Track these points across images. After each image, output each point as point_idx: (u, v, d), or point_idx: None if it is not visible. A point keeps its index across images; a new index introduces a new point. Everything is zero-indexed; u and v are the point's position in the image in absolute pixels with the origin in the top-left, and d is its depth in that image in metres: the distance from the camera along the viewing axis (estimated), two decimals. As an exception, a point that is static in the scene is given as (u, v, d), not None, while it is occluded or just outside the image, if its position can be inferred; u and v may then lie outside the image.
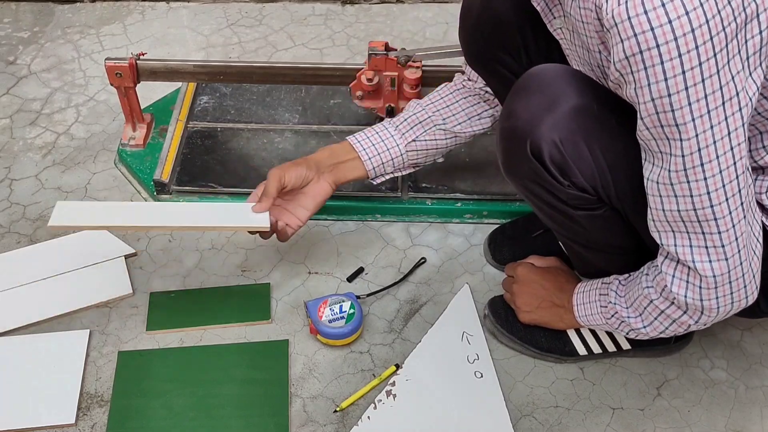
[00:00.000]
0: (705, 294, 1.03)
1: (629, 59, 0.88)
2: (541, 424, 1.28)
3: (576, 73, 1.06)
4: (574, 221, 1.13)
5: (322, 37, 2.10)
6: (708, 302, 1.04)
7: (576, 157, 1.03)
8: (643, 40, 0.86)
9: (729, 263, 1.01)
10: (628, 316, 1.16)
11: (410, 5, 2.21)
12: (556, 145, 1.02)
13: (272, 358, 1.36)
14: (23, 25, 2.13)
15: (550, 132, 1.01)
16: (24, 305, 1.43)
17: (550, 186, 1.07)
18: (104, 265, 1.50)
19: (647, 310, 1.12)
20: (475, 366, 1.34)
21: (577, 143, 1.02)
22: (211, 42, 2.08)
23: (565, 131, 1.01)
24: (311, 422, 1.28)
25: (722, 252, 1.00)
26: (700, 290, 1.03)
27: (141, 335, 1.40)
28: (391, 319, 1.43)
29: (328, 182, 1.38)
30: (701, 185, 0.95)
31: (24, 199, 1.64)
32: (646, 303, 1.12)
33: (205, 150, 1.67)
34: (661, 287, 1.08)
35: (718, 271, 1.01)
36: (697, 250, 1.00)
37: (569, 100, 1.02)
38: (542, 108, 1.02)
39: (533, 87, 1.05)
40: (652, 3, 0.84)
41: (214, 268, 1.51)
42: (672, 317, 1.10)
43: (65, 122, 1.83)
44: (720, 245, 0.99)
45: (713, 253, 1.00)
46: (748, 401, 1.32)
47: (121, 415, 1.27)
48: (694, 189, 0.95)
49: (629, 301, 1.16)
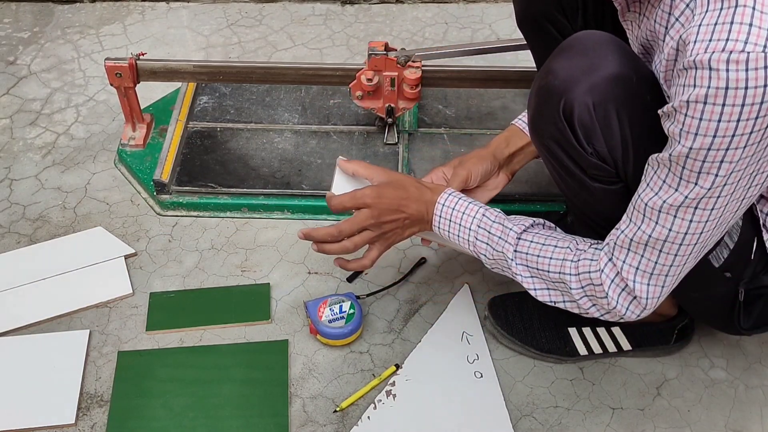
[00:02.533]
0: (633, 306, 1.07)
1: (690, 104, 0.87)
2: (540, 424, 1.28)
3: (621, 43, 1.04)
4: (589, 193, 1.12)
5: (322, 37, 2.10)
6: (630, 312, 1.08)
7: (604, 124, 1.02)
8: (713, 94, 0.85)
9: (663, 291, 1.06)
10: (521, 275, 1.16)
11: (410, 5, 2.21)
12: (588, 109, 1.01)
13: (272, 358, 1.36)
14: (23, 25, 2.13)
15: (585, 95, 1.01)
16: (24, 305, 1.43)
17: (573, 151, 1.06)
18: (104, 265, 1.50)
19: (553, 285, 1.14)
20: (475, 366, 1.34)
21: (609, 111, 1.01)
22: (211, 42, 2.08)
23: (599, 96, 1.00)
24: (311, 422, 1.28)
25: (662, 280, 1.04)
26: (630, 301, 1.07)
27: (141, 335, 1.40)
28: (391, 319, 1.43)
29: (506, 174, 1.37)
30: (684, 224, 0.97)
31: (24, 199, 1.64)
32: (557, 281, 1.13)
33: (205, 150, 1.67)
34: (587, 282, 1.09)
35: (651, 294, 1.05)
36: (641, 274, 1.04)
37: (609, 66, 1.01)
38: (582, 70, 1.02)
39: (576, 49, 1.05)
40: (737, 64, 0.83)
41: (214, 268, 1.51)
42: (577, 304, 1.13)
43: (65, 122, 1.83)
44: (664, 275, 1.04)
45: (654, 279, 1.04)
46: (747, 401, 1.32)
47: (120, 415, 1.27)
48: (676, 225, 0.98)
49: (530, 263, 1.15)
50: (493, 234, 1.17)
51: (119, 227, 1.58)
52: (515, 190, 1.56)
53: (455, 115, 1.76)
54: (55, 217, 1.61)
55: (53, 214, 1.61)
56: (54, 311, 1.42)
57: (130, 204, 1.63)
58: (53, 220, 1.60)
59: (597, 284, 1.08)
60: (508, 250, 1.16)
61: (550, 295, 1.16)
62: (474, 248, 1.20)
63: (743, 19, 0.83)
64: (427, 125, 1.74)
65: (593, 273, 1.08)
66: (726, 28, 0.84)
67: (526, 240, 1.15)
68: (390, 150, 1.67)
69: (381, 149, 1.67)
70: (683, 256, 1.01)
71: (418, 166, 1.63)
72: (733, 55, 0.82)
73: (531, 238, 1.16)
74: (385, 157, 1.65)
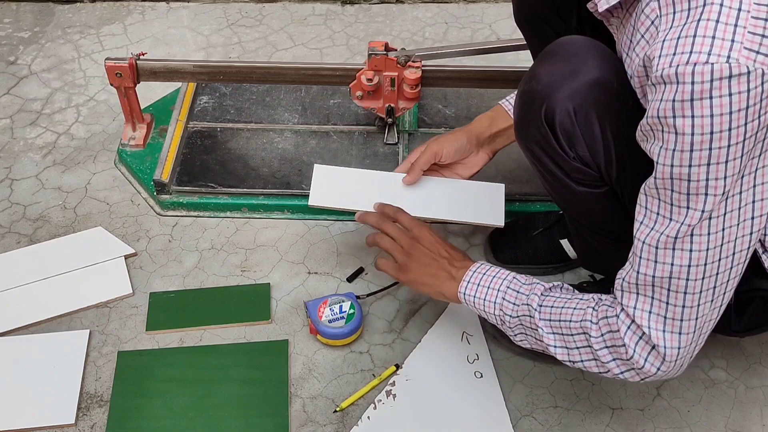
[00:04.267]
0: (652, 357, 1.00)
1: (661, 119, 0.87)
2: (540, 424, 1.28)
3: (605, 49, 1.05)
4: (575, 196, 1.13)
5: (322, 37, 2.10)
6: (649, 365, 1.01)
7: (586, 129, 1.03)
8: (679, 107, 0.85)
9: (681, 339, 0.99)
10: (542, 329, 1.09)
11: (410, 5, 2.21)
12: (569, 114, 1.02)
13: (272, 358, 1.36)
14: (23, 25, 2.13)
15: (566, 100, 1.02)
16: (24, 305, 1.43)
17: (556, 155, 1.07)
18: (104, 265, 1.50)
19: (573, 338, 1.07)
20: (475, 366, 1.34)
21: (590, 116, 1.02)
22: (211, 42, 2.08)
23: (580, 101, 1.02)
24: (311, 422, 1.28)
25: (678, 326, 0.98)
26: (649, 351, 1.00)
27: (141, 335, 1.40)
28: (391, 319, 1.43)
29: (486, 153, 1.39)
30: (685, 256, 0.94)
31: (24, 199, 1.65)
32: (578, 333, 1.06)
33: (205, 150, 1.67)
34: (606, 329, 1.03)
35: (669, 342, 0.99)
36: (655, 317, 0.99)
37: (590, 72, 1.02)
38: (563, 75, 1.03)
39: (560, 54, 1.06)
40: (702, 75, 0.82)
41: (214, 268, 1.51)
42: (598, 359, 1.05)
43: (65, 122, 1.83)
44: (679, 319, 0.98)
45: (669, 324, 0.98)
46: (747, 401, 1.32)
47: (120, 415, 1.27)
48: (677, 258, 0.94)
49: (552, 317, 1.09)
50: (521, 293, 1.13)
51: (119, 227, 1.58)
52: (515, 190, 1.56)
53: (455, 115, 1.76)
54: (56, 217, 1.61)
55: (53, 214, 1.61)
56: (54, 311, 1.42)
57: (130, 204, 1.63)
58: (53, 220, 1.60)
59: (615, 330, 1.02)
60: (533, 302, 1.10)
61: (569, 354, 1.08)
62: (501, 309, 1.14)
63: (706, 32, 0.83)
64: (427, 125, 1.74)
65: (611, 318, 1.02)
66: (689, 41, 0.84)
67: (552, 295, 1.10)
68: (390, 150, 1.67)
69: (381, 149, 1.67)
70: (693, 294, 0.96)
71: (418, 166, 1.63)
72: (698, 67, 0.82)
73: (557, 293, 1.12)
74: (385, 157, 1.65)
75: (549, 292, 1.11)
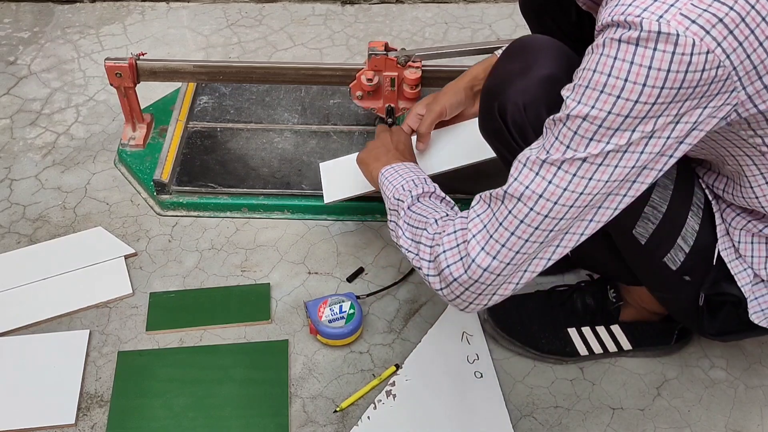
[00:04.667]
0: (456, 266, 1.00)
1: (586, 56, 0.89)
2: (541, 424, 1.28)
3: (562, 48, 1.08)
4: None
5: (321, 37, 2.10)
6: (449, 271, 1.00)
7: (537, 124, 1.02)
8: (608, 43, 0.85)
9: (492, 263, 0.97)
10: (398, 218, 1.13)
11: (410, 5, 2.21)
12: (519, 109, 1.05)
13: (272, 358, 1.36)
14: (23, 25, 2.13)
15: (516, 95, 1.05)
16: (24, 305, 1.43)
17: (511, 149, 1.09)
18: (104, 265, 1.50)
19: (417, 230, 1.08)
20: (475, 366, 1.34)
21: (540, 111, 1.03)
22: (211, 42, 2.08)
23: (530, 97, 1.04)
24: (311, 422, 1.28)
25: (497, 249, 0.96)
26: (458, 260, 1.00)
27: (141, 335, 1.40)
28: (391, 319, 1.43)
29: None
30: (542, 184, 0.92)
31: (24, 199, 1.64)
32: (421, 228, 1.07)
33: (205, 150, 1.67)
34: (441, 229, 1.04)
35: (480, 260, 0.97)
36: (484, 232, 0.98)
37: (542, 68, 1.05)
38: (516, 72, 1.06)
39: (517, 52, 1.11)
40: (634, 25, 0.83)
41: (214, 268, 1.51)
42: (419, 252, 1.06)
43: (65, 122, 1.83)
44: (501, 244, 0.96)
45: (490, 245, 0.97)
46: (747, 401, 1.32)
47: (121, 415, 1.27)
48: (534, 183, 0.93)
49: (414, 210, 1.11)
50: (416, 185, 1.15)
51: (119, 227, 1.58)
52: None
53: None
54: (55, 217, 1.61)
55: (53, 214, 1.61)
56: (54, 311, 1.42)
57: (130, 204, 1.63)
58: (53, 220, 1.60)
59: (444, 230, 1.03)
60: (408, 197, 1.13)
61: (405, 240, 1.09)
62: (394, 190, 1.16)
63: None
64: (427, 125, 1.74)
65: (450, 220, 1.04)
66: (629, 2, 0.86)
67: (426, 201, 1.13)
68: (390, 150, 1.67)
69: (381, 149, 1.67)
70: (528, 227, 0.94)
71: (418, 166, 1.63)
72: (630, 18, 0.84)
73: (434, 201, 1.13)
74: (385, 157, 1.65)
75: (430, 198, 1.13)
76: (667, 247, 1.10)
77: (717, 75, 0.84)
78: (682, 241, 1.10)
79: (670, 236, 1.09)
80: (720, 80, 0.85)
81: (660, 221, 1.08)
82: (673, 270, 1.12)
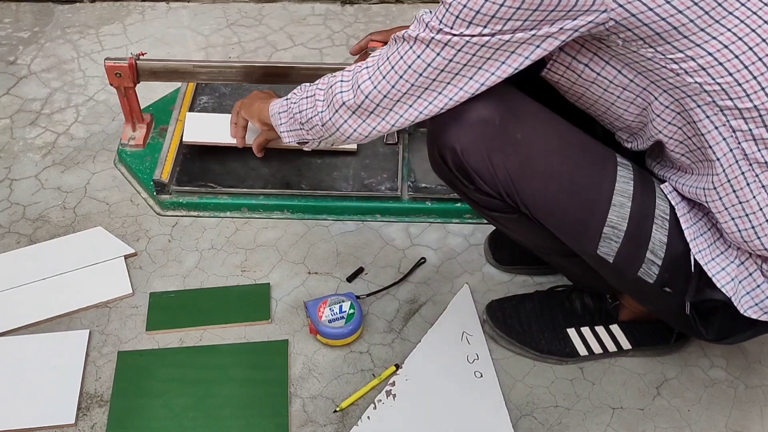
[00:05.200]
0: (347, 88, 1.11)
1: None
2: (541, 423, 1.28)
3: (495, 87, 1.07)
4: (498, 223, 1.19)
5: (321, 36, 2.10)
6: (339, 88, 1.11)
7: (477, 165, 1.08)
8: None
9: (371, 92, 1.07)
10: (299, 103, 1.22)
11: (409, 5, 2.21)
12: (457, 153, 1.08)
13: (272, 358, 1.36)
14: (23, 25, 2.13)
15: (452, 140, 1.08)
16: (24, 305, 1.43)
17: (460, 188, 1.14)
18: (104, 265, 1.50)
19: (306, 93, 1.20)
20: (475, 366, 1.34)
21: (479, 153, 1.07)
22: (211, 42, 2.08)
23: (465, 141, 1.08)
24: (311, 422, 1.28)
25: (378, 80, 1.06)
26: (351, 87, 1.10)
27: (141, 335, 1.40)
28: (391, 319, 1.43)
29: None
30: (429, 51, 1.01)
31: (24, 199, 1.64)
32: (311, 92, 1.19)
33: (205, 150, 1.67)
34: (339, 75, 1.13)
35: (364, 86, 1.08)
36: (372, 67, 1.08)
37: (474, 111, 1.07)
38: (450, 117, 1.08)
39: None
40: None
41: (214, 268, 1.51)
42: (314, 95, 1.17)
43: (65, 122, 1.83)
44: (383, 74, 1.06)
45: (375, 76, 1.07)
46: (747, 400, 1.32)
47: (120, 415, 1.27)
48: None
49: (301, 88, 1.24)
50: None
51: (119, 227, 1.58)
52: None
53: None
54: (55, 217, 1.61)
55: (53, 214, 1.61)
56: (54, 311, 1.42)
57: (130, 204, 1.63)
58: (53, 220, 1.60)
59: (342, 73, 1.13)
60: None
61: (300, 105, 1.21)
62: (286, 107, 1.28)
63: None
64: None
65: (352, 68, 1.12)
66: None
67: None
68: (390, 150, 1.67)
69: (381, 149, 1.67)
70: (408, 68, 1.03)
71: (418, 165, 1.63)
72: None
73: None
74: (385, 157, 1.65)
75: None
76: (637, 262, 1.09)
77: None
78: (651, 254, 1.09)
79: (638, 252, 1.09)
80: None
81: (623, 239, 1.08)
82: (651, 283, 1.11)
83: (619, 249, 1.09)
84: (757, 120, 0.96)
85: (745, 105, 0.95)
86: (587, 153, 1.09)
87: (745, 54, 0.93)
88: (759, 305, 1.08)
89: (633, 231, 1.08)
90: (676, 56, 0.95)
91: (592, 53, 1.03)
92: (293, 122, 1.24)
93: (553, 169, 1.07)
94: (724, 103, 0.96)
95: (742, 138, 0.98)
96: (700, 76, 0.95)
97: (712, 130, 0.99)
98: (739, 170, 1.00)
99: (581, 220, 1.08)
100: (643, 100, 1.05)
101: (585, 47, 1.03)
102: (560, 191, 1.08)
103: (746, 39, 0.92)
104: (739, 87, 0.94)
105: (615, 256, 1.09)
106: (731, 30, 0.92)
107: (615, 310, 1.34)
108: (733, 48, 0.92)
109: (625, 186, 1.07)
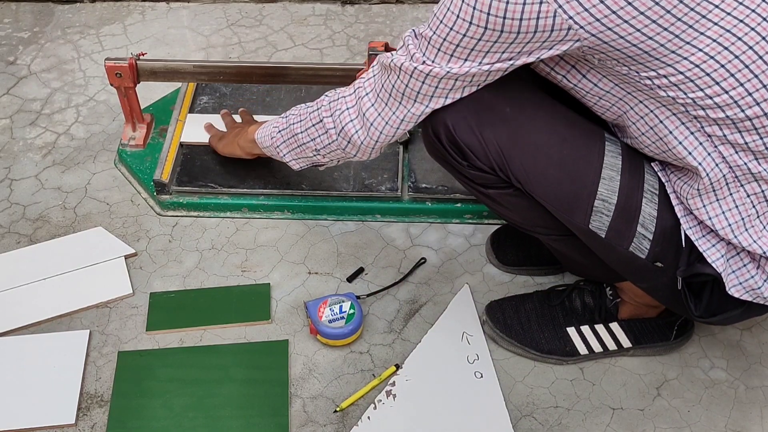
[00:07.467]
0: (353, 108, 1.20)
1: None
2: (541, 424, 1.28)
3: None
4: (494, 201, 1.20)
5: (322, 37, 2.10)
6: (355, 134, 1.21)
7: (469, 140, 1.13)
8: None
9: (367, 133, 1.19)
10: (295, 124, 1.31)
11: (410, 6, 2.21)
12: (449, 129, 1.13)
13: (272, 358, 1.36)
14: (23, 25, 2.13)
15: (444, 117, 1.13)
16: (24, 305, 1.43)
17: (454, 165, 1.18)
18: (104, 265, 1.50)
19: (312, 121, 1.27)
20: (475, 366, 1.34)
21: (471, 127, 1.12)
22: (211, 42, 2.08)
23: (457, 117, 1.12)
24: (311, 422, 1.28)
25: (373, 100, 1.16)
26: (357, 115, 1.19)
27: (141, 335, 1.40)
28: (391, 320, 1.43)
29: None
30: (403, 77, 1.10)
31: (24, 199, 1.64)
32: (316, 119, 1.26)
33: (205, 150, 1.67)
34: (335, 109, 1.23)
35: (363, 106, 1.18)
36: (370, 84, 1.18)
37: None
38: None
39: None
40: None
41: (214, 268, 1.51)
42: (322, 120, 1.25)
43: (65, 122, 1.83)
44: (376, 95, 1.16)
45: (375, 92, 1.16)
46: (747, 401, 1.32)
47: (121, 415, 1.27)
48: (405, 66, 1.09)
49: (302, 117, 1.30)
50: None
51: (119, 227, 1.58)
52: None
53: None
54: (55, 217, 1.61)
55: (53, 214, 1.61)
56: (54, 311, 1.42)
57: (130, 204, 1.63)
58: (53, 220, 1.60)
59: (344, 95, 1.22)
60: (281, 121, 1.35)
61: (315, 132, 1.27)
62: (272, 132, 1.37)
63: None
64: (427, 125, 1.73)
65: (338, 92, 1.24)
66: None
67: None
68: (390, 150, 1.67)
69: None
70: (392, 89, 1.11)
71: (418, 165, 1.63)
72: None
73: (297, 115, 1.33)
74: (385, 157, 1.65)
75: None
76: (628, 236, 1.11)
77: (554, 23, 0.94)
78: (642, 228, 1.11)
79: (629, 225, 1.11)
80: (554, 29, 0.95)
81: (613, 212, 1.10)
82: (643, 258, 1.13)
83: (611, 223, 1.11)
84: (731, 127, 1.00)
85: (718, 115, 0.99)
86: (575, 128, 1.13)
87: (717, 71, 0.96)
88: (743, 284, 1.10)
89: (623, 204, 1.10)
90: (650, 74, 0.99)
91: (570, 65, 1.08)
92: (304, 149, 1.31)
93: (542, 141, 1.11)
94: (697, 113, 1.00)
95: (718, 142, 1.02)
96: (673, 91, 0.99)
97: (688, 136, 1.03)
98: (720, 173, 1.03)
99: (572, 192, 1.11)
100: (619, 109, 1.09)
101: (563, 60, 1.08)
102: (549, 164, 1.11)
103: (718, 57, 0.95)
104: (711, 100, 0.98)
105: (607, 230, 1.11)
106: (703, 50, 0.95)
107: (615, 308, 1.34)
108: (705, 67, 0.95)
109: (614, 160, 1.11)
